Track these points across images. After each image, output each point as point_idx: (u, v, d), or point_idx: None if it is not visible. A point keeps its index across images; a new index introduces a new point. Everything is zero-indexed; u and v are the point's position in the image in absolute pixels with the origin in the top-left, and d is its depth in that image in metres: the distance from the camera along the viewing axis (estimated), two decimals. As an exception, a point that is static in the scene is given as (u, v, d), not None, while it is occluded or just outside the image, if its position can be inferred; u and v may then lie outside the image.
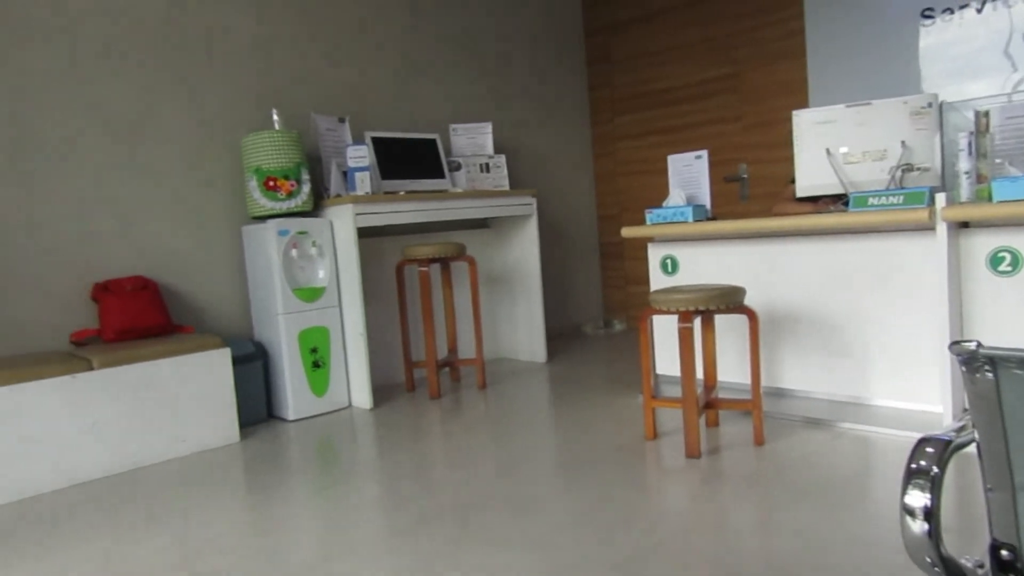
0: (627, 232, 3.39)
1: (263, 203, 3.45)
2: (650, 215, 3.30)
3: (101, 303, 3.12)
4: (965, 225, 2.61)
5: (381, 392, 3.93)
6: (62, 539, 2.22)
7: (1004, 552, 0.91)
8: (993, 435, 0.86)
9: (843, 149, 2.88)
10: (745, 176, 4.71)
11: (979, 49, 3.75)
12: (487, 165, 4.37)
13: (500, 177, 4.40)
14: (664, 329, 3.50)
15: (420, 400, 3.69)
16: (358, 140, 4.02)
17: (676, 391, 3.37)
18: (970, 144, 2.54)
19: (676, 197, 3.32)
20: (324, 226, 3.55)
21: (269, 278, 3.44)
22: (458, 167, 4.25)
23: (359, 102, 4.19)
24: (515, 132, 5.02)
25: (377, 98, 4.27)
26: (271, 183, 3.44)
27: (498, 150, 4.79)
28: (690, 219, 3.16)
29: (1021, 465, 0.86)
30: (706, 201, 3.30)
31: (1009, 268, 2.52)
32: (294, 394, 3.44)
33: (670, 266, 3.50)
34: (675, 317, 3.43)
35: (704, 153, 3.31)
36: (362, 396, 3.58)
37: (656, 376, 3.59)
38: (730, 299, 2.54)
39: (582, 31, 5.51)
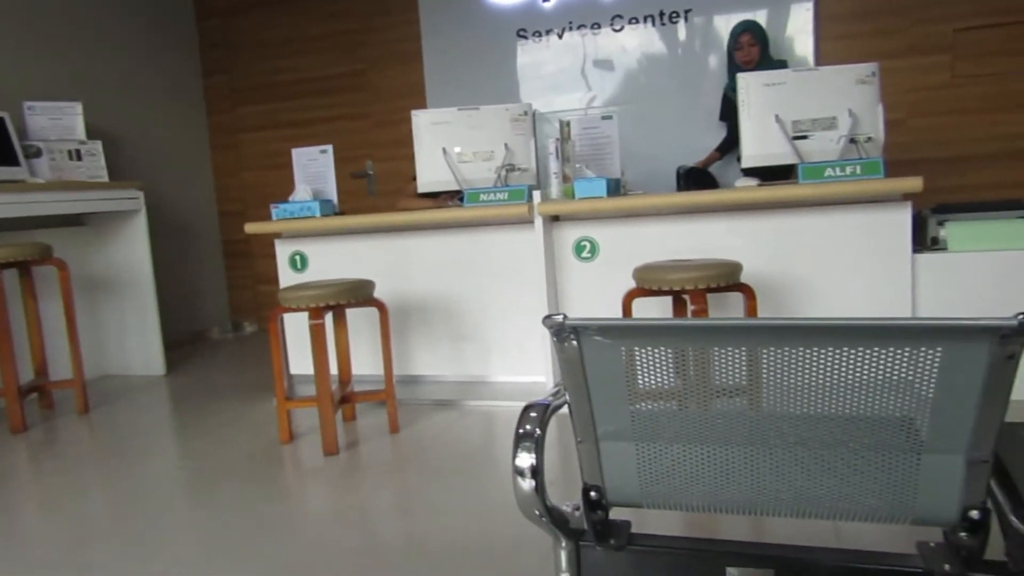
0: (251, 228, 3.21)
1: None
2: (276, 210, 3.17)
3: None
4: (557, 218, 3.02)
5: (-61, 433, 3.12)
6: None
7: (592, 493, 1.06)
8: (580, 395, 0.99)
9: (457, 149, 3.11)
10: (371, 173, 4.81)
11: (563, 69, 4.38)
12: (79, 152, 3.74)
13: (97, 167, 3.81)
14: (298, 328, 3.40)
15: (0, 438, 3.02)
16: None
17: (312, 390, 3.30)
18: (557, 149, 2.93)
19: (302, 192, 3.24)
20: None
21: None
22: (38, 153, 3.57)
23: None
24: (114, 117, 4.40)
25: (-88, 62, 3.36)
26: None
27: (93, 136, 4.14)
28: (317, 214, 3.12)
29: (602, 419, 1.01)
30: (333, 196, 3.28)
31: (589, 255, 2.98)
32: None
33: (299, 263, 3.41)
34: (306, 314, 3.35)
35: (329, 148, 3.28)
36: (-93, 442, 2.80)
37: (290, 377, 3.47)
38: (360, 293, 2.56)
39: (193, 12, 5.04)
